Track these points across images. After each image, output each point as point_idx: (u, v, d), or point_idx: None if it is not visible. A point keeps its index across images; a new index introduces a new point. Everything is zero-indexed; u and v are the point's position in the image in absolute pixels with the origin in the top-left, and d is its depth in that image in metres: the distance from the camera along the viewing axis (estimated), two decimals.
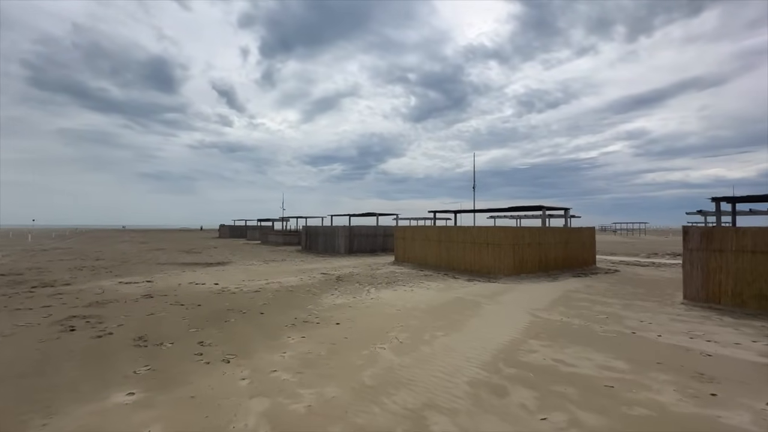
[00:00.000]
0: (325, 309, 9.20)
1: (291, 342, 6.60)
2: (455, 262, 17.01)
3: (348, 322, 7.98)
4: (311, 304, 9.82)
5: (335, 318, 8.29)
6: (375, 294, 11.22)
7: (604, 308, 9.35)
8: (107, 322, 7.82)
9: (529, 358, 5.79)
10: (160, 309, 9.10)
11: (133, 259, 21.84)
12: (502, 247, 14.95)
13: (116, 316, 8.40)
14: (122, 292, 11.42)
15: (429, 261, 18.52)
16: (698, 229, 9.90)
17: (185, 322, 7.92)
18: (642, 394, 4.58)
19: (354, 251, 26.33)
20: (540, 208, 16.64)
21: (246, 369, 5.33)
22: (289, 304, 9.72)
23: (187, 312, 8.82)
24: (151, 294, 11.00)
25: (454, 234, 17.23)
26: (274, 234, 39.16)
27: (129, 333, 7.06)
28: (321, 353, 6.02)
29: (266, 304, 9.78)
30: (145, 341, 6.56)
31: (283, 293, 11.30)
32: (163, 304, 9.61)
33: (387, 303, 9.93)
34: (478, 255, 15.93)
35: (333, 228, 27.11)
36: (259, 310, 9.09)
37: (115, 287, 12.23)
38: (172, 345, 6.36)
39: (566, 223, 18.17)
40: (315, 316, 8.42)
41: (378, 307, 9.39)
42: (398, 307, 9.38)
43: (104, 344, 6.43)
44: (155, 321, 7.98)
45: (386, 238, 28.06)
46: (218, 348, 6.23)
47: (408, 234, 20.31)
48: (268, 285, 12.79)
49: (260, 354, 5.96)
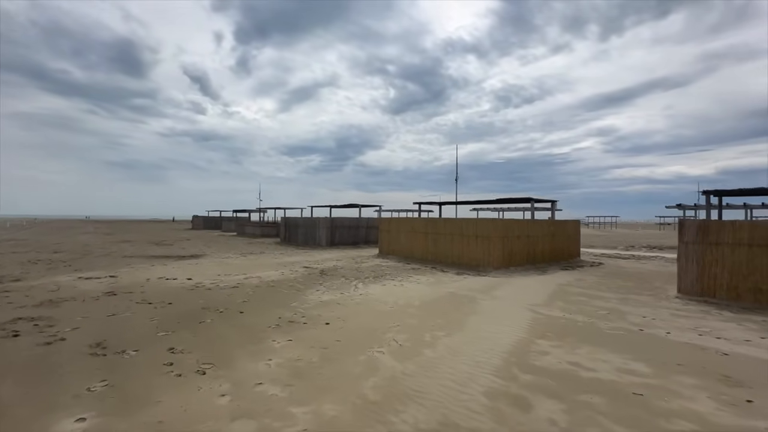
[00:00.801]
0: (311, 306, 8.45)
1: (277, 346, 5.84)
2: (442, 254, 16.55)
3: (338, 321, 7.28)
4: (296, 301, 9.04)
5: (324, 317, 7.57)
6: (363, 289, 10.54)
7: (603, 303, 9.06)
8: (60, 325, 6.78)
9: (543, 362, 5.30)
10: (124, 308, 8.09)
11: (95, 252, 20.19)
12: (492, 239, 14.56)
13: (71, 317, 7.34)
14: (81, 288, 10.23)
15: (415, 254, 17.98)
16: (694, 222, 9.75)
17: (153, 324, 6.98)
18: (675, 403, 4.14)
19: (336, 243, 25.50)
20: (528, 200, 16.37)
21: (226, 382, 4.55)
22: (271, 302, 8.90)
23: (156, 312, 7.86)
24: (114, 291, 9.88)
25: (441, 226, 16.74)
26: (251, 225, 37.66)
27: (85, 338, 6.09)
28: (312, 360, 5.30)
29: (246, 301, 8.92)
30: (103, 348, 5.63)
31: (263, 289, 10.44)
32: (128, 303, 8.58)
33: (378, 299, 9.28)
34: (466, 248, 15.51)
35: (314, 219, 26.14)
36: (239, 308, 8.23)
37: (73, 283, 10.99)
38: (136, 353, 5.47)
39: (552, 215, 18.04)
40: (301, 315, 7.67)
41: (369, 304, 8.73)
42: (390, 304, 8.75)
43: (53, 353, 5.46)
44: (118, 323, 7.00)
45: (369, 230, 27.36)
46: (192, 356, 5.39)
47: (393, 226, 19.68)
48: (247, 280, 11.87)
49: (242, 362, 5.18)
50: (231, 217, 51.61)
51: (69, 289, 10.17)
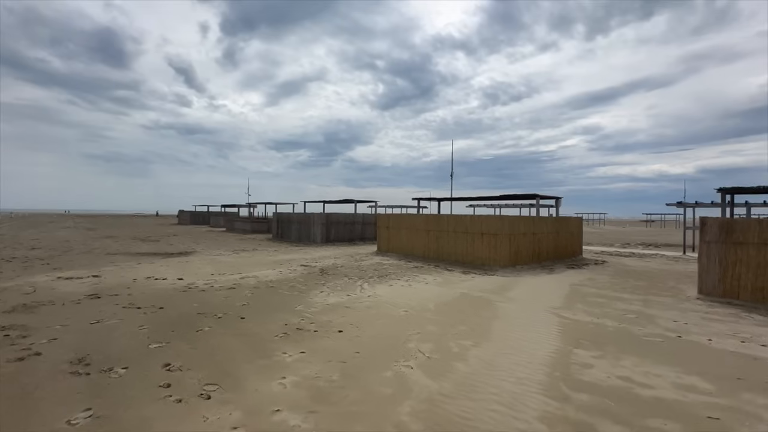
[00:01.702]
0: (318, 311, 7.76)
1: (289, 360, 5.16)
2: (445, 252, 16.00)
3: (352, 328, 6.61)
4: (300, 304, 8.33)
5: (335, 323, 6.89)
6: (370, 290, 9.89)
7: (625, 305, 8.61)
8: (35, 336, 5.95)
9: (591, 377, 4.74)
10: (109, 314, 7.26)
11: (76, 248, 19.01)
12: (498, 237, 14.06)
13: (49, 325, 6.50)
14: (60, 290, 9.31)
15: (416, 251, 17.39)
16: (717, 220, 9.38)
17: (143, 333, 6.20)
18: (761, 429, 3.63)
19: (331, 240, 24.74)
20: (534, 196, 15.93)
21: (236, 409, 3.85)
22: (273, 305, 8.18)
23: (146, 318, 7.06)
24: (97, 293, 9.00)
25: (444, 223, 16.17)
26: (241, 221, 36.53)
27: (65, 352, 5.29)
28: (332, 378, 4.64)
29: (246, 305, 8.17)
30: (87, 365, 4.85)
31: (263, 290, 9.69)
32: (114, 308, 7.75)
33: (389, 302, 8.64)
34: (471, 245, 14.98)
35: (308, 215, 25.31)
36: (239, 313, 7.49)
37: (52, 284, 10.03)
38: (126, 371, 4.71)
39: (557, 212, 17.66)
40: (309, 321, 6.97)
41: (380, 308, 8.08)
42: (404, 308, 8.12)
43: (26, 371, 4.66)
44: (103, 332, 6.20)
45: (365, 227, 26.66)
46: (192, 374, 4.66)
47: (392, 223, 19.04)
48: (244, 280, 11.08)
49: (252, 382, 4.48)
50: (219, 212, 50.18)
51: (47, 291, 9.24)
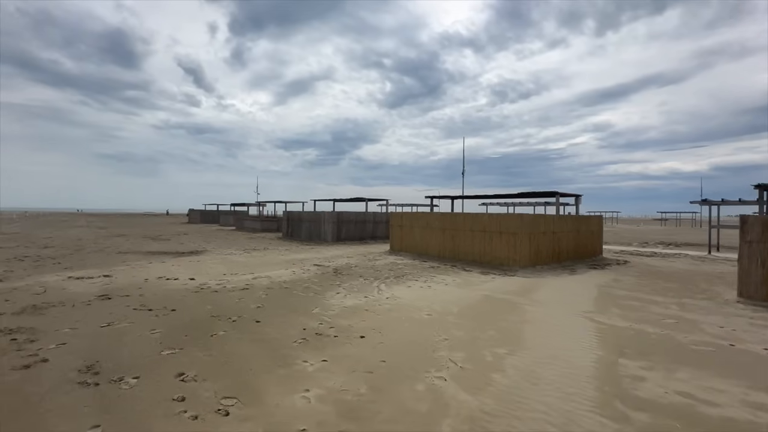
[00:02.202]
0: (336, 314, 7.37)
1: (310, 369, 4.77)
2: (462, 252, 15.52)
3: (374, 334, 6.21)
4: (316, 306, 7.96)
5: (356, 328, 6.50)
6: (388, 292, 9.48)
7: (662, 309, 8.07)
8: (43, 340, 5.66)
9: (647, 392, 4.27)
10: (120, 316, 6.96)
11: (88, 247, 18.94)
12: (518, 236, 13.54)
13: (58, 328, 6.21)
14: (70, 290, 9.07)
15: (430, 251, 16.94)
16: (759, 218, 8.77)
17: (155, 337, 5.87)
18: None
19: (342, 239, 24.40)
20: (554, 194, 15.36)
21: (258, 427, 3.47)
22: (289, 307, 7.82)
23: (158, 321, 6.75)
24: (108, 294, 8.73)
25: (460, 221, 15.68)
26: (251, 220, 36.41)
27: (73, 359, 4.98)
28: (360, 390, 4.24)
29: (260, 307, 7.82)
30: (96, 374, 4.52)
31: (277, 291, 9.34)
32: (124, 310, 7.45)
33: (409, 304, 8.22)
34: (489, 244, 14.48)
35: (319, 214, 25.00)
36: (253, 316, 7.14)
37: (62, 284, 9.82)
38: (137, 381, 4.37)
39: (576, 210, 17.05)
40: (329, 326, 6.59)
41: (401, 311, 7.67)
42: (426, 311, 7.70)
43: (32, 380, 4.35)
44: (113, 337, 5.88)
45: (376, 225, 26.27)
46: (208, 385, 4.30)
47: (406, 221, 18.61)
48: (256, 280, 10.76)
49: (273, 395, 4.10)
50: (229, 211, 50.24)
51: (57, 291, 9.01)
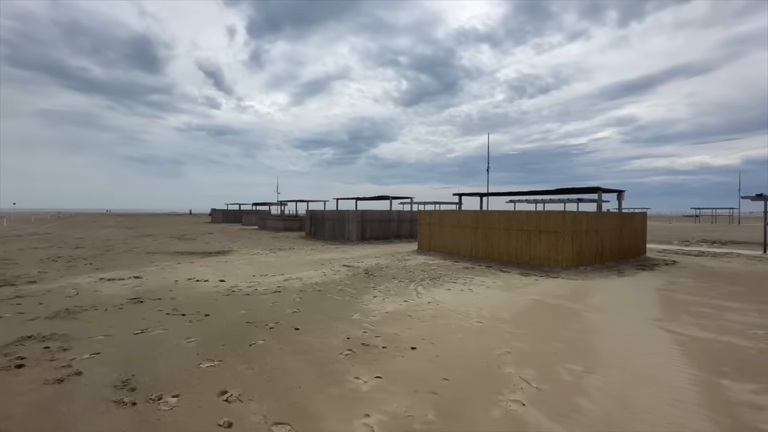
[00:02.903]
0: (378, 320, 6.83)
1: (365, 388, 4.23)
2: (496, 251, 14.75)
3: (426, 344, 5.63)
4: (355, 311, 7.44)
5: (403, 337, 5.93)
6: (427, 295, 8.89)
7: (741, 317, 7.17)
8: (76, 348, 5.34)
9: None
10: (153, 322, 6.63)
11: (118, 247, 19.11)
12: (560, 234, 12.69)
13: (91, 335, 5.90)
14: (102, 293, 8.87)
15: (462, 250, 16.22)
16: None
17: (192, 347, 5.47)
18: None
19: (366, 238, 23.92)
20: (596, 189, 14.37)
21: None
22: (326, 312, 7.33)
23: (192, 327, 6.37)
24: (139, 297, 8.47)
25: (495, 220, 14.91)
26: (274, 219, 36.44)
27: (108, 371, 4.60)
28: (428, 417, 3.66)
29: (297, 312, 7.36)
30: (132, 391, 4.12)
31: (310, 295, 8.89)
32: (157, 314, 7.13)
33: (453, 309, 7.60)
34: (527, 244, 13.67)
35: (342, 213, 24.59)
36: (291, 322, 6.67)
37: (94, 286, 9.66)
38: (176, 400, 3.93)
39: (619, 207, 15.98)
40: (374, 334, 6.05)
41: (448, 317, 7.06)
42: (474, 317, 7.06)
43: (65, 398, 3.97)
44: (147, 346, 5.51)
45: (400, 224, 25.68)
46: (255, 406, 3.82)
47: (435, 219, 17.93)
48: (288, 282, 10.35)
49: (329, 420, 3.58)
50: (251, 210, 50.68)
51: (89, 293, 8.82)
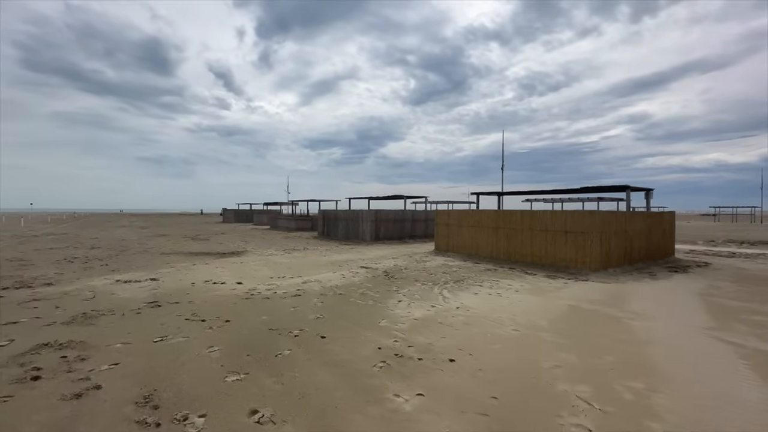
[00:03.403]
0: (408, 327, 6.43)
1: (408, 408, 3.84)
2: (518, 253, 14.23)
3: (463, 356, 5.21)
4: (382, 317, 7.06)
5: (437, 347, 5.53)
6: (454, 300, 8.46)
7: None
8: (94, 358, 5.05)
9: None
10: (173, 328, 6.33)
11: (133, 248, 19.06)
12: (588, 235, 12.13)
13: (109, 343, 5.63)
14: (119, 296, 8.65)
15: (481, 251, 15.73)
16: None
17: (215, 357, 5.14)
18: None
19: (380, 238, 23.55)
20: (624, 188, 13.75)
21: None
22: (351, 318, 6.96)
23: (214, 335, 6.05)
24: (157, 300, 8.21)
25: (517, 220, 14.39)
26: (285, 219, 36.31)
27: (128, 385, 4.29)
28: None
29: (320, 318, 7.01)
30: (155, 408, 3.79)
31: (332, 299, 8.53)
32: (176, 320, 6.84)
33: (485, 316, 7.17)
34: (552, 245, 13.13)
35: (356, 212, 24.25)
36: (316, 329, 6.32)
37: (111, 288, 9.45)
38: (203, 421, 3.58)
39: (648, 206, 15.32)
40: (406, 344, 5.65)
41: (481, 325, 6.62)
42: (509, 324, 6.62)
43: (85, 415, 3.66)
44: (169, 355, 5.20)
45: (414, 224, 25.24)
46: (289, 429, 3.46)
47: (453, 219, 17.47)
48: (307, 285, 10.02)
49: None
50: (262, 210, 50.74)
51: (106, 296, 8.61)
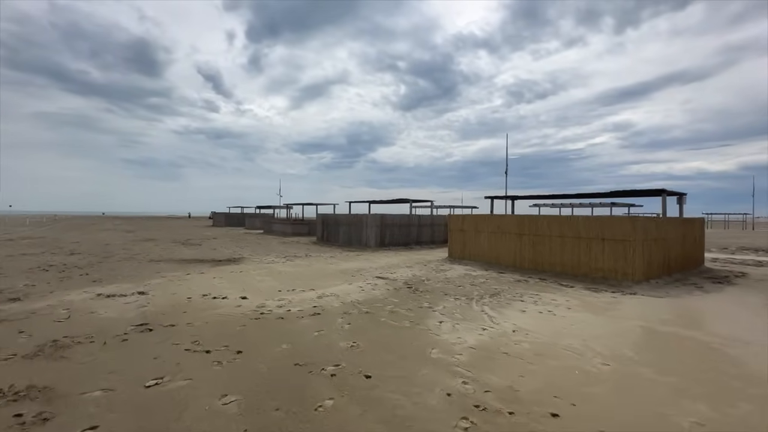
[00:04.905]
0: (469, 362, 5.13)
1: None
2: (546, 261, 13.08)
3: (566, 407, 3.93)
4: (430, 344, 5.75)
5: (524, 393, 4.23)
6: (502, 319, 7.19)
7: None
8: (63, 416, 3.62)
9: None
10: (170, 364, 4.91)
11: (117, 254, 17.34)
12: (630, 243, 11.04)
13: (85, 389, 4.18)
14: (101, 316, 7.14)
15: (503, 260, 14.55)
16: None
17: (233, 412, 3.75)
18: None
19: (386, 244, 22.22)
20: (660, 192, 12.74)
21: None
22: (392, 347, 5.62)
23: (224, 374, 4.65)
24: (148, 322, 6.74)
25: (544, 226, 13.25)
26: (281, 223, 34.70)
27: None
28: None
29: (354, 346, 5.66)
30: None
31: (359, 319, 7.18)
32: (173, 350, 5.41)
33: (554, 343, 5.91)
34: (586, 254, 12.01)
35: (359, 217, 22.90)
36: (355, 364, 4.97)
37: (91, 305, 7.93)
38: None
39: (681, 212, 14.36)
40: (480, 386, 4.34)
41: (557, 356, 5.36)
42: (591, 355, 5.37)
43: None
44: (166, 409, 3.79)
45: (420, 229, 24.01)
46: None
47: (468, 225, 16.27)
48: (323, 300, 8.64)
49: None
50: (255, 213, 48.93)
51: (84, 316, 7.10)
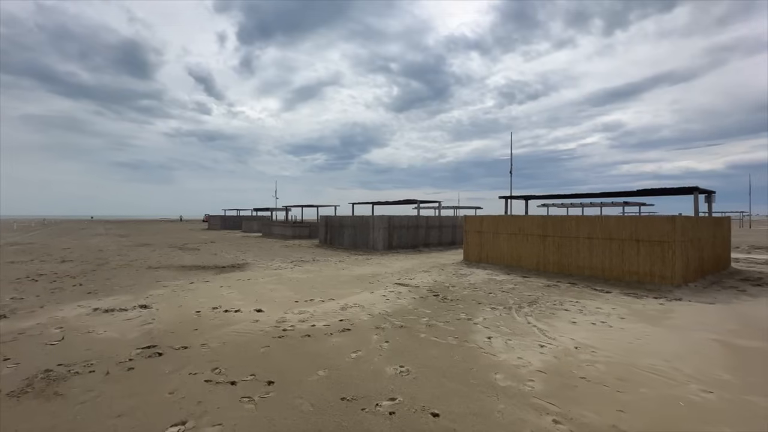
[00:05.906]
0: (546, 391, 4.33)
1: None
2: (574, 264, 12.36)
3: None
4: (489, 367, 4.94)
5: None
6: (555, 333, 6.42)
7: None
8: None
9: None
10: (190, 402, 4.03)
11: (113, 260, 16.29)
12: (668, 245, 10.35)
13: None
14: (100, 336, 6.23)
15: (525, 262, 13.81)
16: None
17: None
18: None
19: (394, 247, 21.39)
20: (692, 190, 12.10)
21: None
22: (446, 371, 4.81)
23: (258, 413, 3.79)
24: (155, 344, 5.84)
25: (572, 227, 12.53)
26: (280, 226, 33.70)
27: None
28: None
29: (402, 371, 4.82)
30: None
31: (394, 334, 6.35)
32: (190, 381, 4.53)
33: (630, 363, 5.14)
34: (619, 256, 11.31)
35: (366, 219, 22.05)
36: (411, 396, 4.14)
37: (87, 322, 7.00)
38: None
39: (709, 210, 13.76)
40: (575, 425, 3.53)
41: (646, 382, 4.59)
42: (683, 379, 4.61)
43: None
44: None
45: (429, 231, 23.23)
46: None
47: (486, 226, 15.52)
48: (348, 312, 7.79)
49: None
50: (252, 216, 47.81)
51: (80, 337, 6.18)
